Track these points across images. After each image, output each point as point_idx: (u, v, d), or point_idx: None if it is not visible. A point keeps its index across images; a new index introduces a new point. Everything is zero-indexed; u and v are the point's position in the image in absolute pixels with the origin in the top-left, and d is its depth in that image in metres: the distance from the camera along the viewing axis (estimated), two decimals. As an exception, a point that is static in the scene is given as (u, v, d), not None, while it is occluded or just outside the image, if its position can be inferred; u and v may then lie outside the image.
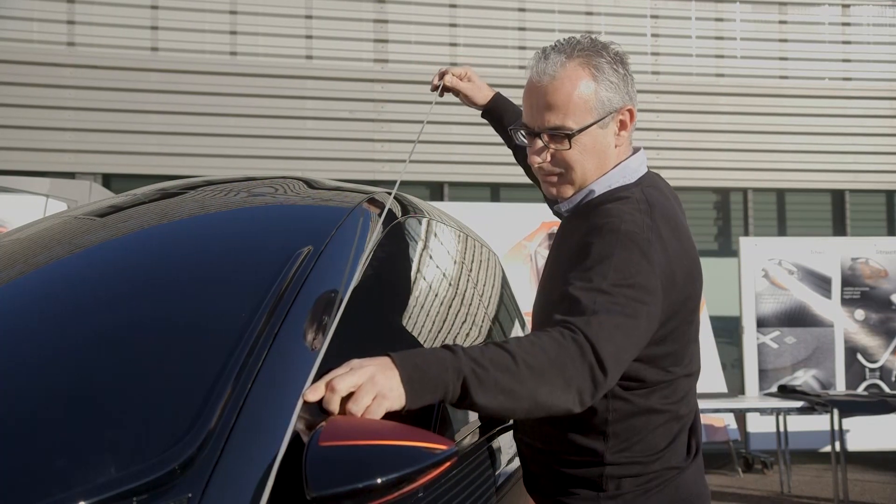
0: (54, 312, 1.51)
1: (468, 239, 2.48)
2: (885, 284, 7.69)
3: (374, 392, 1.22)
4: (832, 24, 8.98)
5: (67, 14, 7.58)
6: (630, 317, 1.44)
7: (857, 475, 6.80)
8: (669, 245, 1.56)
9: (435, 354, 1.31)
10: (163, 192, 2.10)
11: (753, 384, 7.42)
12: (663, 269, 1.52)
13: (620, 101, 1.65)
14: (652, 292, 1.48)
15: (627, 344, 1.44)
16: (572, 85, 1.61)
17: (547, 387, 1.34)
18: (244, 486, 1.11)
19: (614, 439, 1.60)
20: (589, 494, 1.62)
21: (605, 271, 1.47)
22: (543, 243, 7.27)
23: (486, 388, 1.30)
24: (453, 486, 1.52)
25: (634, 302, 1.45)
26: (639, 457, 1.61)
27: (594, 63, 1.63)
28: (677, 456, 1.65)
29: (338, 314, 1.39)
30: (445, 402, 1.33)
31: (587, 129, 1.62)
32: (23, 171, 6.88)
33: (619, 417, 1.59)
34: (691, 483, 1.67)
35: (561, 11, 8.41)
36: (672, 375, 1.62)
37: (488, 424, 1.91)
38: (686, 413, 1.68)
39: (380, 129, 7.99)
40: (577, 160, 1.64)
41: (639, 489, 1.61)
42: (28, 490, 1.07)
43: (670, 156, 8.02)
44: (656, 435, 1.62)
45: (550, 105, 1.62)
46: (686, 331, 1.63)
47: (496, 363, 1.32)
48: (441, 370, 1.29)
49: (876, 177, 8.89)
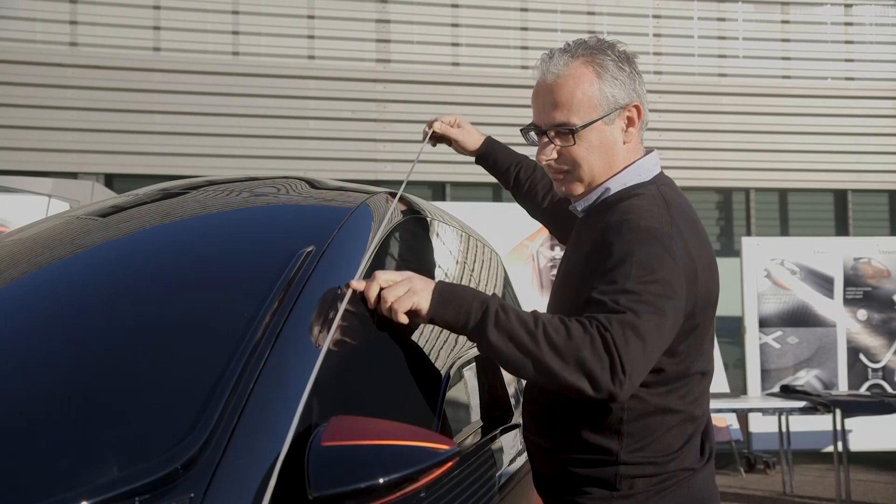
0: (56, 312, 1.51)
1: (470, 239, 2.48)
2: (887, 284, 7.68)
3: (408, 287, 1.44)
4: (835, 24, 8.97)
5: (70, 14, 7.59)
6: (656, 313, 1.46)
7: (860, 475, 6.79)
8: (689, 239, 1.58)
9: (469, 288, 1.50)
10: (165, 192, 2.11)
11: (756, 384, 7.41)
12: (685, 262, 1.54)
13: (626, 97, 1.66)
14: (676, 286, 1.50)
15: (652, 343, 1.46)
16: (576, 82, 1.64)
17: (558, 359, 1.40)
18: (246, 485, 1.11)
19: (629, 438, 1.60)
20: (602, 494, 1.61)
21: (628, 271, 1.49)
22: (545, 243, 7.27)
23: (500, 330, 1.42)
24: (455, 486, 1.52)
25: (660, 297, 1.47)
26: (653, 457, 1.61)
27: (598, 60, 1.65)
28: (691, 457, 1.65)
29: (340, 314, 1.39)
30: (463, 330, 1.46)
31: (591, 125, 1.65)
32: (25, 171, 6.89)
33: (633, 416, 1.59)
34: (703, 485, 1.66)
35: (563, 11, 8.41)
36: (689, 371, 1.62)
37: (490, 424, 1.91)
38: (700, 415, 1.68)
39: (382, 129, 7.99)
40: (584, 157, 1.66)
41: (652, 489, 1.60)
42: (30, 489, 1.07)
43: (673, 155, 8.01)
44: (671, 435, 1.62)
45: (555, 103, 1.65)
46: (706, 325, 1.64)
47: (519, 317, 1.44)
48: (470, 297, 1.46)
49: (879, 177, 8.88)
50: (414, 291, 1.45)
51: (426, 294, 1.45)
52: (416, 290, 1.45)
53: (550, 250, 7.27)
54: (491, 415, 1.97)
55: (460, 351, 1.84)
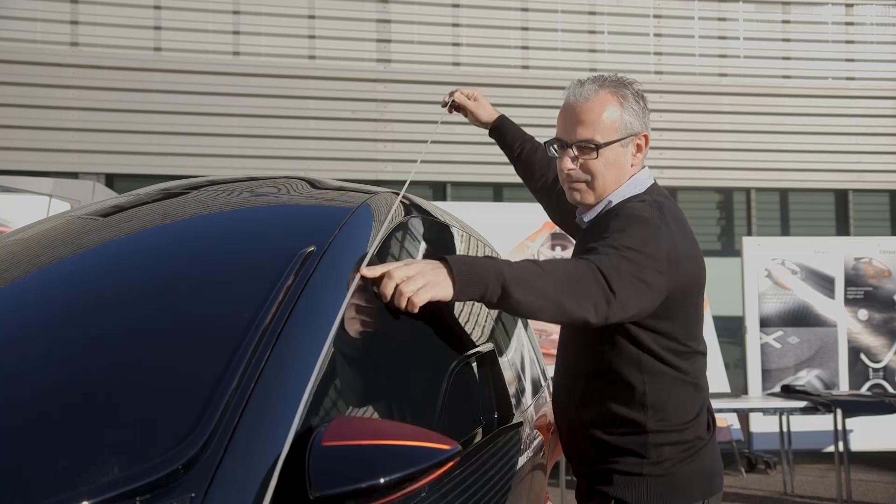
0: (57, 312, 1.51)
1: (471, 239, 2.49)
2: (888, 284, 7.68)
3: (424, 282, 1.48)
4: (835, 24, 8.96)
5: (71, 14, 7.59)
6: (637, 270, 1.72)
7: (861, 475, 6.79)
8: (675, 233, 1.85)
9: (478, 259, 1.60)
10: (166, 192, 2.10)
11: (756, 384, 7.41)
12: (669, 248, 1.80)
13: (640, 126, 1.98)
14: (658, 262, 1.76)
15: (632, 286, 1.71)
16: (602, 107, 1.94)
17: (569, 295, 1.63)
18: (247, 486, 1.11)
19: (652, 410, 1.89)
20: (634, 461, 1.90)
21: (619, 238, 1.77)
22: (546, 243, 7.27)
23: (522, 287, 1.58)
24: (457, 485, 1.52)
25: (642, 264, 1.73)
26: (674, 425, 1.90)
27: (621, 93, 1.97)
28: (701, 427, 1.96)
29: (341, 314, 1.39)
30: (484, 300, 1.56)
31: (611, 145, 1.94)
32: (26, 171, 6.89)
33: (654, 389, 1.89)
34: (713, 453, 1.98)
35: (564, 11, 8.40)
36: (689, 348, 1.93)
37: (492, 423, 1.91)
38: (705, 387, 1.99)
39: (382, 128, 7.99)
40: (601, 170, 1.95)
41: (676, 457, 1.90)
42: (31, 489, 1.07)
43: (673, 155, 8.01)
44: (686, 406, 1.93)
45: (583, 121, 1.94)
46: (693, 311, 1.94)
47: (529, 270, 1.62)
48: (484, 269, 1.56)
49: (879, 176, 8.88)
50: (431, 285, 1.49)
51: (445, 284, 1.51)
52: (433, 283, 1.49)
53: (551, 250, 7.27)
54: (492, 413, 1.97)
55: (462, 349, 1.84)
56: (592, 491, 1.98)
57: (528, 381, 2.55)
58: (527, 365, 2.63)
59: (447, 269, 1.52)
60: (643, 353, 1.88)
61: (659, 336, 1.87)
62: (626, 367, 1.90)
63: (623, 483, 1.90)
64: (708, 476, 1.95)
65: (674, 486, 1.89)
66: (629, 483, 1.90)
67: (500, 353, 2.22)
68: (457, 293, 1.52)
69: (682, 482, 1.90)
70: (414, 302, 1.47)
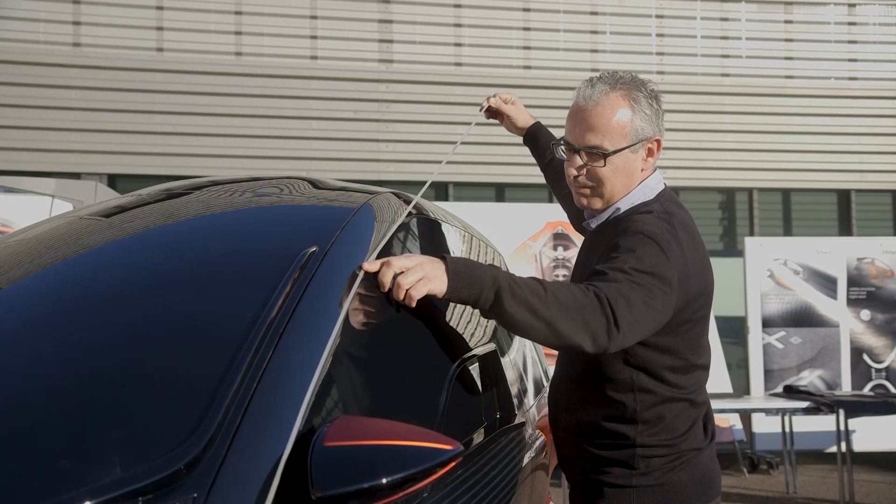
0: (60, 312, 1.51)
1: (473, 239, 2.49)
2: (891, 284, 7.67)
3: (422, 274, 1.48)
4: (838, 24, 8.96)
5: (73, 15, 7.60)
6: (646, 295, 1.67)
7: (863, 476, 6.78)
8: (685, 246, 1.80)
9: (479, 263, 1.59)
10: (168, 192, 2.11)
11: (759, 384, 7.40)
12: (679, 264, 1.75)
13: (651, 131, 1.90)
14: (668, 282, 1.71)
15: (641, 314, 1.66)
16: (612, 111, 1.85)
17: (567, 320, 1.58)
18: (249, 485, 1.11)
19: (643, 425, 1.85)
20: (623, 472, 1.87)
21: (628, 259, 1.71)
22: (548, 243, 7.27)
23: (516, 300, 1.54)
24: (459, 485, 1.52)
25: (652, 287, 1.68)
26: (665, 440, 1.86)
27: (633, 95, 1.87)
28: (696, 438, 1.91)
29: (343, 314, 1.39)
30: (477, 305, 1.55)
31: (620, 152, 1.86)
32: (28, 171, 6.90)
33: (646, 407, 1.85)
34: (708, 461, 1.94)
35: (566, 11, 8.40)
36: (688, 363, 1.87)
37: (494, 423, 1.91)
38: (701, 402, 1.94)
39: (384, 129, 8.00)
40: (608, 177, 1.88)
41: (665, 467, 1.86)
42: (33, 489, 1.07)
43: (675, 156, 8.00)
44: (678, 420, 1.88)
45: (592, 126, 1.85)
46: (700, 323, 1.88)
47: (529, 286, 1.58)
48: (482, 273, 1.54)
49: (882, 176, 8.87)
50: (428, 278, 1.49)
51: (441, 280, 1.51)
52: (430, 277, 1.49)
53: (553, 250, 7.27)
54: (494, 413, 1.97)
55: (464, 350, 1.84)
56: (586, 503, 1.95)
57: (530, 381, 2.55)
58: (529, 365, 2.63)
59: (445, 268, 1.52)
60: (636, 371, 1.83)
61: (658, 353, 1.82)
62: (616, 383, 1.85)
63: (614, 496, 1.87)
64: (703, 482, 1.90)
65: (667, 495, 1.85)
66: (620, 496, 1.86)
67: (503, 352, 2.22)
68: (450, 291, 1.52)
69: (675, 491, 1.86)
70: (412, 295, 1.47)
